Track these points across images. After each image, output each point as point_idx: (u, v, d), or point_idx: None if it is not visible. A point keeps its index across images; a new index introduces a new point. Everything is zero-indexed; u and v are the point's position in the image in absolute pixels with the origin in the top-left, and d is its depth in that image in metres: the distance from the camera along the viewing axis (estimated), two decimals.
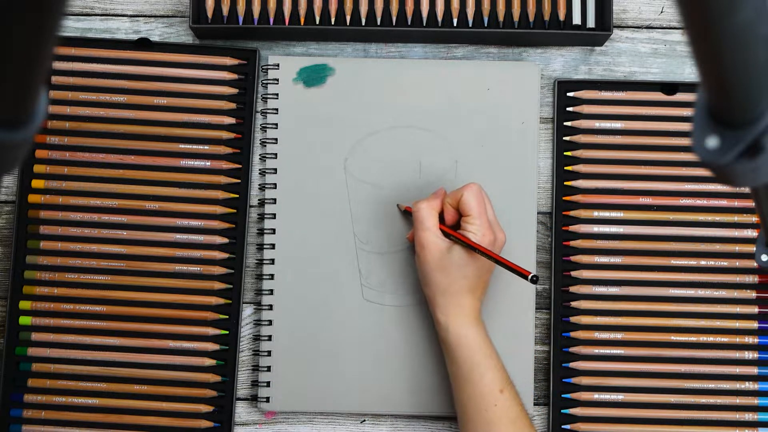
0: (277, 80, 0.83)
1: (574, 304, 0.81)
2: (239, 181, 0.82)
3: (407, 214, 0.80)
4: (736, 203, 0.81)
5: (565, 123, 0.83)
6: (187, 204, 0.82)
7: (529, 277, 0.68)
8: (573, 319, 0.80)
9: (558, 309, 0.81)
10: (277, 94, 0.83)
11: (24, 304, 0.80)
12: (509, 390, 0.72)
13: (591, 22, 0.83)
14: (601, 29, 0.82)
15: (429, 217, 0.74)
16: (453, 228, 0.75)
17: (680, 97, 0.83)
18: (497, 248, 0.75)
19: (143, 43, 0.83)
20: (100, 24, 0.85)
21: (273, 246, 0.81)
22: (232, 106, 0.83)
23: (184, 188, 0.82)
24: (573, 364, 0.80)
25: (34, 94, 0.39)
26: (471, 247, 0.72)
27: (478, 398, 0.72)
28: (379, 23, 0.83)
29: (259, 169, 0.83)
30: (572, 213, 0.82)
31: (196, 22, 0.83)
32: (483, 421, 0.72)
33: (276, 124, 0.82)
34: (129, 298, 0.81)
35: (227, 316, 0.81)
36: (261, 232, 0.82)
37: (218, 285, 0.81)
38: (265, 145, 0.82)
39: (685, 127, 0.82)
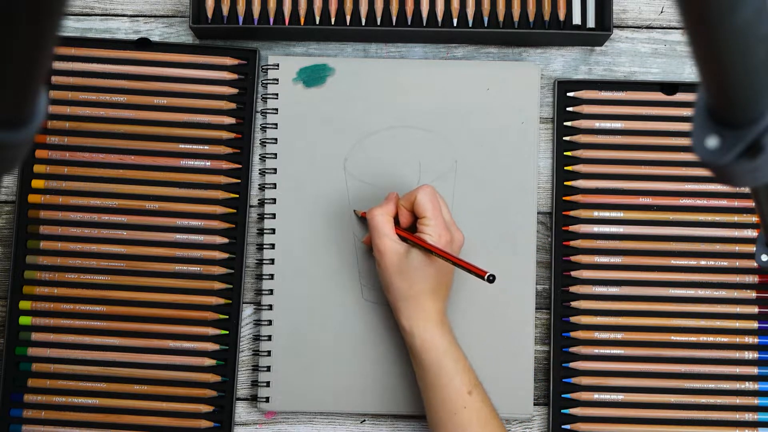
0: (277, 80, 0.83)
1: (574, 304, 0.81)
2: (239, 181, 0.82)
3: (363, 220, 0.80)
4: (736, 203, 0.81)
5: (565, 123, 0.83)
6: (187, 204, 0.82)
7: (486, 276, 0.67)
8: (573, 319, 0.80)
9: (558, 309, 0.81)
10: (277, 94, 0.83)
11: (24, 304, 0.80)
12: (478, 391, 0.72)
13: (591, 22, 0.83)
14: (601, 29, 0.83)
15: (384, 223, 0.74)
16: (409, 230, 0.75)
17: (680, 97, 0.83)
18: (455, 248, 0.74)
19: (143, 43, 0.83)
20: (100, 24, 0.85)
21: (273, 246, 0.81)
22: (232, 106, 0.83)
23: (184, 188, 0.82)
24: (573, 364, 0.80)
25: (34, 94, 0.39)
26: (427, 250, 0.72)
27: (447, 402, 0.72)
28: (379, 23, 0.83)
29: (259, 169, 0.83)
30: (572, 213, 0.82)
31: (196, 22, 0.83)
32: (453, 425, 0.71)
33: (276, 124, 0.82)
34: (129, 298, 0.81)
35: (227, 316, 0.81)
36: (261, 232, 0.82)
37: (218, 285, 0.81)
38: (265, 145, 0.82)
39: (685, 127, 0.82)
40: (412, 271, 0.72)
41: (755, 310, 0.80)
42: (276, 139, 0.82)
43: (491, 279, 0.67)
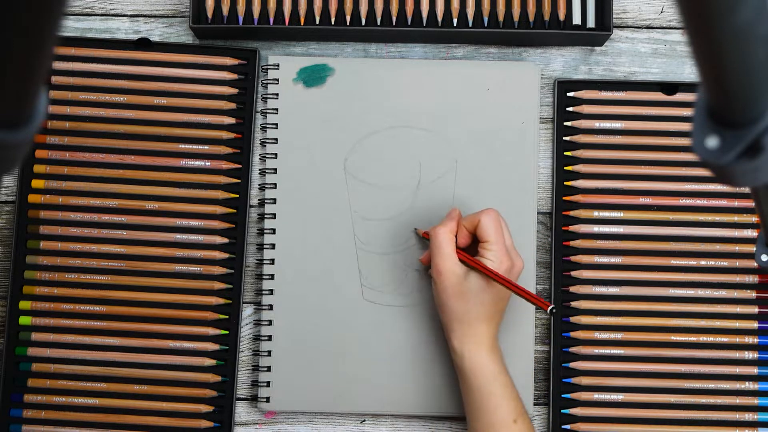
0: (277, 80, 0.83)
1: (574, 304, 0.81)
2: (239, 181, 0.82)
3: (425, 240, 0.80)
4: (736, 203, 0.81)
5: (565, 123, 0.83)
6: (187, 204, 0.82)
7: (549, 309, 0.69)
8: (573, 319, 0.80)
9: (558, 309, 0.81)
10: (277, 94, 0.83)
11: (24, 304, 0.80)
12: (523, 420, 0.72)
13: (591, 22, 0.83)
14: (601, 29, 0.82)
15: (447, 243, 0.73)
16: (468, 251, 0.75)
17: (680, 97, 0.83)
18: (514, 275, 0.74)
19: (143, 43, 0.83)
20: (100, 24, 0.85)
21: (273, 246, 0.81)
22: (232, 106, 0.83)
23: (184, 188, 0.82)
24: (573, 364, 0.80)
25: (34, 95, 0.39)
26: (487, 275, 0.72)
27: (492, 427, 0.72)
28: (379, 23, 0.83)
29: (259, 169, 0.83)
30: (572, 213, 0.82)
31: (196, 22, 0.83)
32: None
33: (276, 124, 0.82)
34: (129, 298, 0.81)
35: (227, 316, 0.81)
36: (261, 232, 0.82)
37: (218, 285, 0.81)
38: (265, 145, 0.82)
39: (685, 127, 0.82)
40: (471, 294, 0.72)
41: (755, 310, 0.80)
42: (276, 139, 0.82)
43: (553, 311, 0.69)
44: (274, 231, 0.81)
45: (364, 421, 0.81)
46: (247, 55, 0.83)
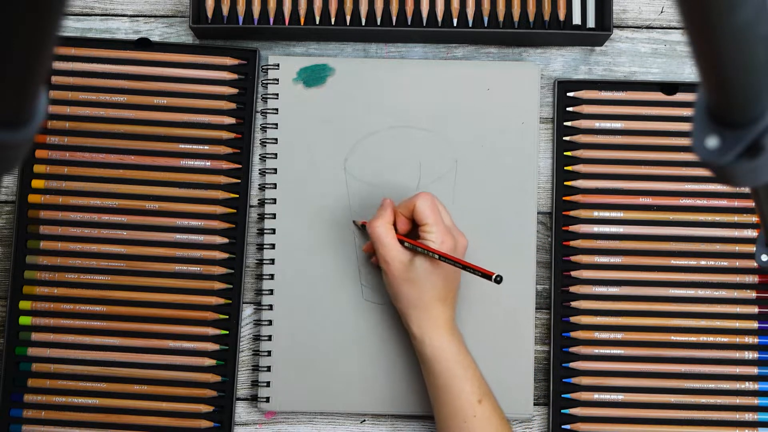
0: (277, 80, 0.83)
1: (574, 304, 0.81)
2: (239, 181, 0.82)
3: (363, 229, 0.80)
4: (736, 203, 0.81)
5: (565, 123, 0.83)
6: (187, 204, 0.82)
7: (493, 277, 0.68)
8: (573, 319, 0.80)
9: (558, 309, 0.81)
10: (277, 94, 0.83)
11: (24, 304, 0.80)
12: (488, 400, 0.72)
13: (591, 22, 0.83)
14: (601, 29, 0.83)
15: (386, 233, 0.74)
16: (409, 236, 0.75)
17: (680, 97, 0.83)
18: (459, 253, 0.74)
19: (143, 43, 0.83)
20: (100, 24, 0.85)
21: (273, 246, 0.81)
22: (232, 106, 0.83)
23: (184, 188, 0.82)
24: (573, 364, 0.80)
25: (34, 94, 0.38)
26: (433, 254, 0.72)
27: (458, 410, 0.72)
28: (379, 23, 0.83)
29: (259, 169, 0.83)
30: (572, 213, 0.82)
31: (196, 22, 0.83)
32: None
33: (276, 124, 0.82)
34: (129, 298, 0.81)
35: (227, 316, 0.81)
36: (261, 232, 0.82)
37: (218, 285, 0.81)
38: (265, 145, 0.82)
39: (685, 127, 0.82)
40: (419, 278, 0.73)
41: (755, 310, 0.80)
42: (276, 139, 0.82)
43: (498, 279, 0.68)
44: (274, 231, 0.81)
45: (364, 421, 0.81)
46: (247, 55, 0.83)
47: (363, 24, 0.83)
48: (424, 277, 0.73)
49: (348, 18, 0.83)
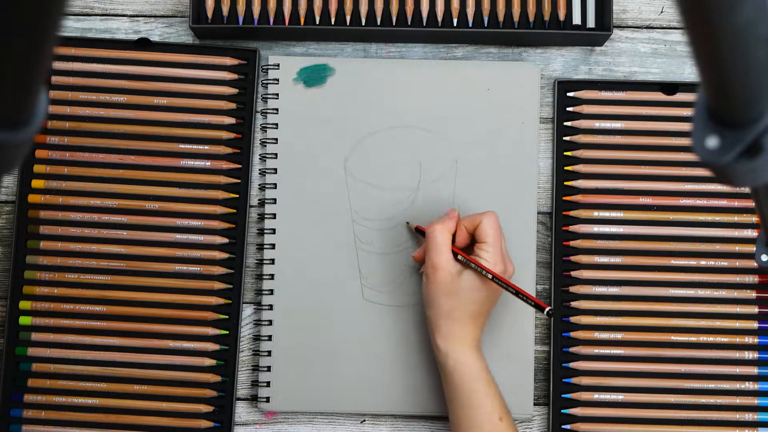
0: (278, 80, 0.83)
1: (574, 304, 0.81)
2: (239, 181, 0.82)
3: (418, 233, 0.80)
4: (736, 203, 0.81)
5: (565, 123, 0.83)
6: (187, 204, 0.82)
7: (546, 310, 0.69)
8: (573, 319, 0.80)
9: (558, 309, 0.81)
10: (277, 94, 0.83)
11: (24, 304, 0.80)
12: (507, 419, 0.73)
13: (591, 22, 0.83)
14: (601, 29, 0.83)
15: (444, 240, 0.74)
16: (463, 251, 0.75)
17: (680, 97, 0.83)
18: (508, 280, 0.74)
19: (143, 43, 0.83)
20: (100, 24, 0.85)
21: (273, 246, 0.81)
22: (232, 106, 0.83)
23: (184, 188, 0.82)
24: (573, 364, 0.80)
25: (34, 95, 0.39)
26: (486, 273, 0.72)
27: (476, 425, 0.72)
28: (379, 23, 0.83)
29: (259, 169, 0.83)
30: (572, 213, 0.82)
31: (196, 22, 0.83)
32: None
33: (276, 124, 0.82)
34: (129, 298, 0.81)
35: (227, 316, 0.81)
36: (261, 232, 0.82)
37: (218, 285, 0.81)
38: (265, 145, 0.82)
39: (685, 127, 0.82)
40: (461, 292, 0.73)
41: (755, 310, 0.80)
42: (276, 139, 0.82)
43: (551, 313, 0.70)
44: (274, 231, 0.81)
45: (364, 421, 0.81)
46: (247, 55, 0.83)
47: (363, 24, 0.83)
48: (466, 292, 0.73)
49: (348, 18, 0.83)
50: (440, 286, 0.73)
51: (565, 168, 0.82)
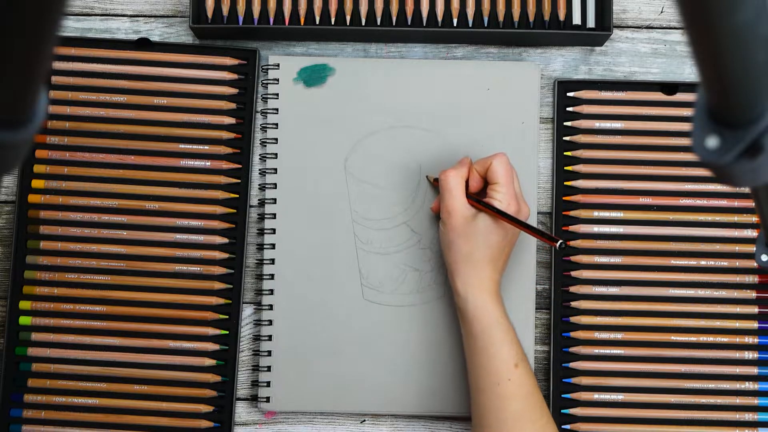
0: (278, 80, 0.83)
1: (574, 304, 0.81)
2: (239, 181, 0.82)
3: (436, 189, 0.80)
4: (736, 203, 0.81)
5: (565, 123, 0.83)
6: (187, 204, 0.82)
7: (558, 243, 0.69)
8: (573, 319, 0.80)
9: (558, 309, 0.81)
10: (277, 94, 0.83)
11: (24, 304, 0.80)
12: (524, 365, 0.72)
13: (591, 22, 0.83)
14: (601, 29, 0.83)
15: (456, 185, 0.75)
16: (478, 195, 0.76)
17: (680, 97, 0.83)
18: (521, 219, 0.75)
19: (143, 43, 0.83)
20: (100, 24, 0.85)
21: (273, 246, 0.81)
22: (232, 106, 0.83)
23: (184, 188, 0.82)
24: (573, 364, 0.80)
25: (34, 95, 0.39)
26: (498, 212, 0.73)
27: (492, 372, 0.72)
28: (379, 23, 0.83)
29: (259, 169, 0.83)
30: (572, 213, 0.82)
31: (196, 22, 0.83)
32: (495, 395, 0.71)
33: (276, 124, 0.82)
34: (129, 298, 0.81)
35: (227, 316, 0.81)
36: (261, 232, 0.82)
37: (218, 285, 0.81)
38: (265, 145, 0.82)
39: (685, 127, 0.82)
40: (478, 234, 0.73)
41: (755, 310, 0.80)
42: (276, 139, 0.82)
43: (563, 246, 0.69)
44: (274, 231, 0.81)
45: (364, 421, 0.81)
46: (247, 55, 0.83)
47: (363, 24, 0.83)
48: (482, 234, 0.73)
49: (348, 18, 0.83)
50: (456, 229, 0.74)
51: (565, 168, 0.82)
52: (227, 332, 0.81)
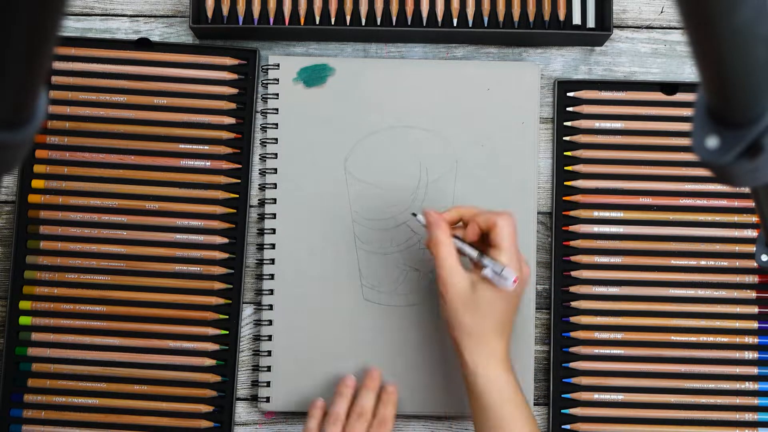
0: (278, 80, 0.83)
1: (574, 304, 0.81)
2: (239, 181, 0.82)
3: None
4: (736, 203, 0.81)
5: (565, 123, 0.83)
6: (187, 204, 0.82)
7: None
8: (573, 319, 0.80)
9: (558, 309, 0.81)
10: (277, 94, 0.83)
11: (24, 304, 0.80)
12: None
13: (591, 22, 0.83)
14: (601, 29, 0.82)
15: (448, 255, 0.70)
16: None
17: (680, 97, 0.83)
18: (524, 282, 0.72)
19: (143, 43, 0.83)
20: (100, 24, 0.85)
21: (273, 246, 0.81)
22: (232, 106, 0.83)
23: (184, 188, 0.82)
24: (573, 364, 0.80)
25: (34, 95, 0.39)
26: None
27: None
28: (379, 23, 0.83)
29: (259, 169, 0.83)
30: (572, 213, 0.82)
31: (196, 22, 0.83)
32: None
33: (276, 124, 0.82)
34: (129, 298, 0.81)
35: (227, 316, 0.81)
36: (261, 232, 0.82)
37: (218, 285, 0.81)
38: (265, 145, 0.82)
39: (685, 127, 0.82)
40: (481, 306, 0.69)
41: (755, 310, 0.80)
42: (276, 139, 0.82)
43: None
44: (274, 231, 0.81)
45: None
46: (247, 55, 0.83)
47: (363, 24, 0.83)
48: (486, 305, 0.69)
49: (348, 18, 0.83)
50: (456, 302, 0.70)
51: (565, 168, 0.82)
52: (227, 332, 0.81)
